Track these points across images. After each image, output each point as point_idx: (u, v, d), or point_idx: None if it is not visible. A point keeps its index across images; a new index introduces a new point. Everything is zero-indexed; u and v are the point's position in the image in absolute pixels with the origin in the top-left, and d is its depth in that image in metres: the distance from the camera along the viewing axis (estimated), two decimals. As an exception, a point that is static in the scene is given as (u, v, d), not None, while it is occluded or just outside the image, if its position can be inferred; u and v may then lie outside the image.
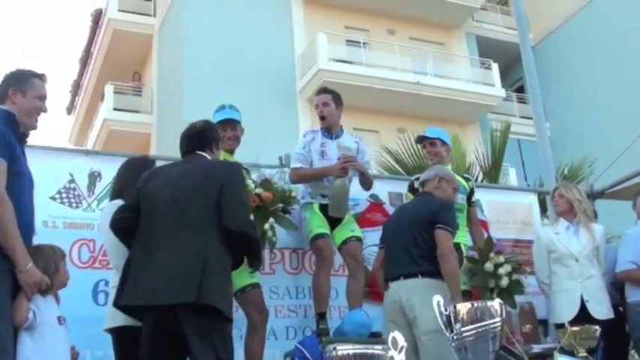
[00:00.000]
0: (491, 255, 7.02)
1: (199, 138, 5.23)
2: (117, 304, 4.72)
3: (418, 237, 5.89)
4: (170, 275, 4.48)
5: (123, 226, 4.95)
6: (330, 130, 6.95)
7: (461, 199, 7.20)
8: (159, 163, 5.80)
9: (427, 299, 5.35)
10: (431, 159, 7.31)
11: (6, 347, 4.26)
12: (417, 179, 6.97)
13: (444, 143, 7.36)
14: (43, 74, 4.94)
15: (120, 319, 5.00)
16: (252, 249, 4.99)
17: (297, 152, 6.82)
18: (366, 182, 7.00)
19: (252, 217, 5.92)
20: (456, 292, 5.66)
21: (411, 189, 7.20)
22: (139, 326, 4.83)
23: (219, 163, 5.23)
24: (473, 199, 7.45)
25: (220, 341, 4.50)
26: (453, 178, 6.49)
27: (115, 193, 5.54)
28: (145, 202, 4.89)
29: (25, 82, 4.79)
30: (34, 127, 4.88)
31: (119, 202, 5.25)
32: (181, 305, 4.42)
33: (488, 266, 6.98)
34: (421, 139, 7.44)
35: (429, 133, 7.38)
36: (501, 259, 7.00)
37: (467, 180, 7.50)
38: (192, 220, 4.68)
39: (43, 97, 4.86)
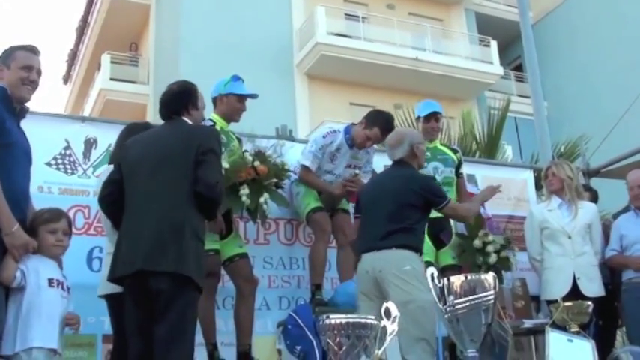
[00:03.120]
0: (481, 233, 7.06)
1: (176, 101, 5.10)
2: (110, 279, 4.72)
3: (397, 212, 5.73)
4: (148, 244, 4.47)
5: (110, 201, 4.93)
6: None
7: (450, 172, 7.20)
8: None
9: (399, 270, 5.38)
10: (431, 134, 7.20)
11: None
12: None
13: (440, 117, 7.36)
14: (30, 46, 4.94)
15: (114, 286, 5.03)
16: (214, 212, 4.91)
17: (313, 152, 6.75)
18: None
19: (247, 189, 5.97)
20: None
21: None
22: None
23: (197, 128, 5.05)
24: (460, 171, 7.43)
25: (186, 308, 4.48)
26: (421, 137, 6.44)
27: (112, 158, 5.55)
28: (126, 172, 4.86)
29: (8, 56, 4.83)
30: (25, 99, 4.88)
31: (111, 168, 5.26)
32: (157, 272, 4.42)
33: (477, 243, 7.02)
34: (434, 114, 7.26)
35: (436, 107, 7.29)
36: (490, 237, 7.04)
37: (455, 152, 7.47)
38: (168, 188, 4.63)
39: (28, 67, 4.83)
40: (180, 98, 5.11)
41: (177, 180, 4.64)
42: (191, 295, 4.53)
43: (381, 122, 6.70)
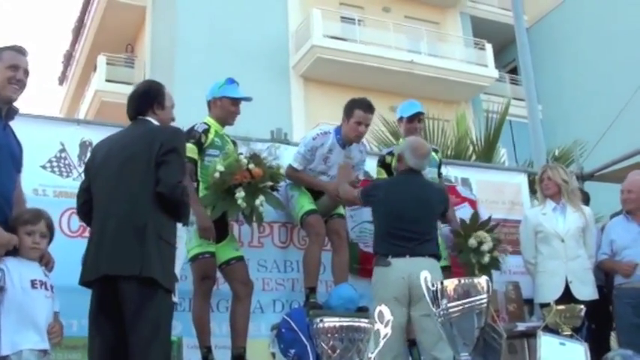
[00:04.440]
0: (478, 232, 7.09)
1: (140, 101, 5.09)
2: (80, 283, 4.70)
3: (429, 221, 6.22)
4: (110, 247, 4.47)
5: (86, 211, 4.92)
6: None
7: (435, 172, 7.25)
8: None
9: (436, 278, 5.52)
10: (414, 134, 7.09)
11: None
12: (390, 154, 7.06)
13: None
14: (17, 46, 4.95)
15: None
16: (181, 213, 4.79)
17: (301, 153, 6.74)
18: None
19: (242, 192, 5.96)
20: None
21: (383, 163, 7.17)
22: None
23: (159, 128, 4.96)
24: (440, 171, 7.47)
25: (156, 312, 4.47)
26: None
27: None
28: (92, 176, 4.89)
29: None
30: (11, 99, 4.89)
31: None
32: (121, 277, 4.42)
33: (472, 242, 7.03)
34: (418, 115, 7.24)
35: (419, 107, 7.26)
36: (487, 237, 7.05)
37: (435, 152, 7.50)
38: (130, 190, 4.61)
39: (14, 66, 4.84)
40: (144, 98, 5.11)
41: (140, 181, 4.62)
42: (161, 297, 4.51)
43: (357, 103, 6.74)
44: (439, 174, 7.38)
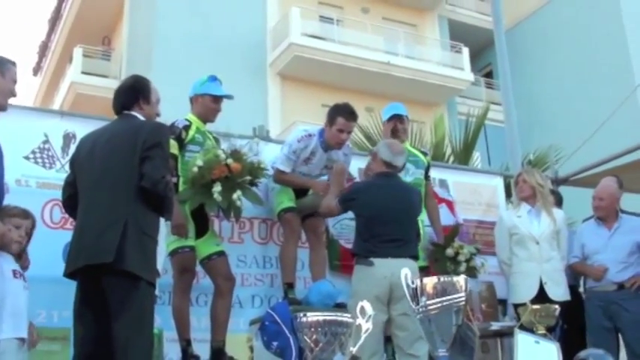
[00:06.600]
0: (455, 244, 7.20)
1: (126, 96, 5.10)
2: (64, 275, 4.70)
3: (410, 223, 6.34)
4: (90, 239, 4.49)
5: (71, 205, 4.93)
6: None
7: (420, 174, 7.30)
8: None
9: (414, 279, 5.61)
10: (399, 136, 7.20)
11: None
12: None
13: (407, 120, 7.48)
14: (15, 61, 5.06)
15: None
16: (165, 208, 4.80)
17: (287, 155, 6.72)
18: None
19: (219, 187, 5.98)
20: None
21: None
22: None
23: (143, 123, 4.93)
24: (429, 174, 7.52)
25: (139, 304, 4.50)
26: None
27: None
28: (77, 171, 4.91)
29: (3, 65, 4.94)
30: (5, 109, 5.01)
31: None
32: (103, 269, 4.42)
33: (449, 252, 7.15)
34: (397, 116, 7.36)
35: (400, 110, 7.39)
36: (464, 249, 7.18)
37: (424, 154, 7.58)
38: (113, 184, 4.62)
39: (16, 82, 5.01)
40: (130, 92, 5.11)
41: (123, 176, 4.63)
42: (144, 290, 4.53)
43: (340, 111, 6.72)
44: (427, 177, 7.42)
